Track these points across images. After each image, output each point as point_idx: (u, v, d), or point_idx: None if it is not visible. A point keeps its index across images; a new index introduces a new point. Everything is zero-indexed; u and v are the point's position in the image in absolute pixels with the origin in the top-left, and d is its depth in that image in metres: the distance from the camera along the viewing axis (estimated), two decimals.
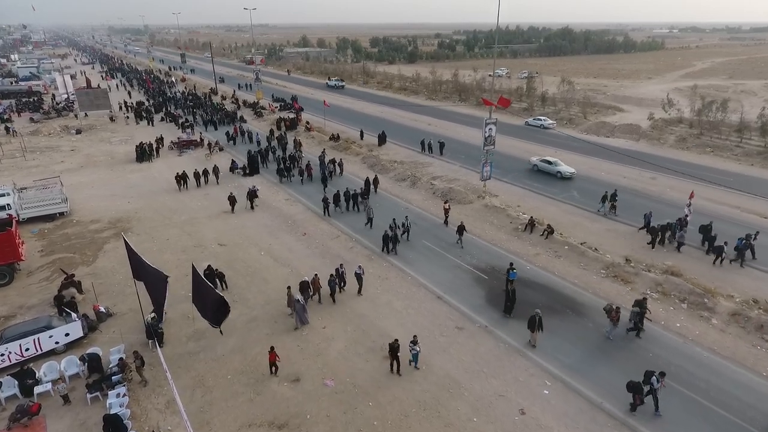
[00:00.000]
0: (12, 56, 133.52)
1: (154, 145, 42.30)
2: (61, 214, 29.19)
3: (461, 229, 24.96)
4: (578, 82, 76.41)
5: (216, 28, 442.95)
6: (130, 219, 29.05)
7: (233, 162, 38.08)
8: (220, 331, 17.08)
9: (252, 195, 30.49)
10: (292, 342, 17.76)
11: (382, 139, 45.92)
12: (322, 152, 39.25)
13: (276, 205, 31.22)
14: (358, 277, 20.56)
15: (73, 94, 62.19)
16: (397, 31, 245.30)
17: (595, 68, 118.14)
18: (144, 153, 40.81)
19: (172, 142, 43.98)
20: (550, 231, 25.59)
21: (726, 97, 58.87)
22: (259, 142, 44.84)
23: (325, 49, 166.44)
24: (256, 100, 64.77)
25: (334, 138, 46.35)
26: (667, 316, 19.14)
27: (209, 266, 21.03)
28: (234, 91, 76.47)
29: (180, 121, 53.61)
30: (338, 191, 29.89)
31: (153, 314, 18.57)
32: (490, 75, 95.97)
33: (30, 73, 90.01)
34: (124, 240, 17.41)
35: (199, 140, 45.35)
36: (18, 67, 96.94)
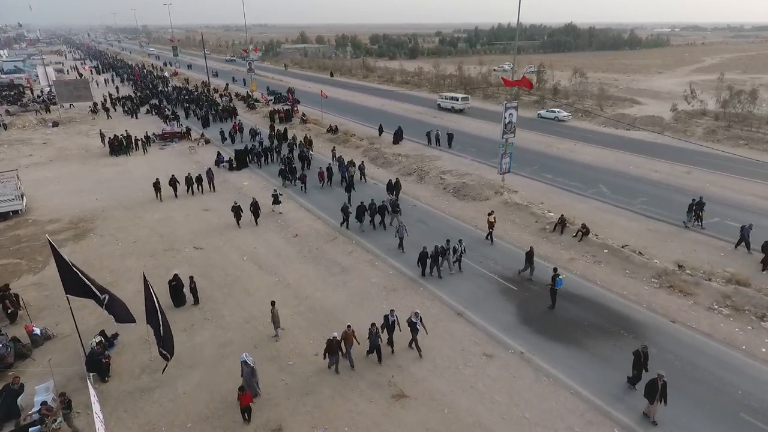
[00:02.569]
0: (1, 52, 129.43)
1: (133, 138, 38.32)
2: (16, 212, 25.30)
3: (531, 257, 18.31)
4: (588, 76, 72.62)
5: (215, 28, 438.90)
6: (95, 218, 25.15)
7: (219, 155, 34.19)
8: (162, 370, 13.27)
9: (256, 206, 24.15)
10: (275, 374, 13.86)
11: (398, 137, 40.44)
12: (333, 150, 34.39)
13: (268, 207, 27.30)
14: (413, 327, 14.14)
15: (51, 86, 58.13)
16: (397, 30, 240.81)
17: (602, 63, 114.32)
18: (121, 146, 36.94)
19: (154, 134, 40.02)
20: (585, 231, 21.71)
21: (748, 89, 55.08)
22: (261, 142, 37.50)
23: (324, 45, 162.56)
24: (249, 93, 60.89)
25: (332, 130, 42.48)
26: (746, 338, 15.24)
27: (175, 276, 17.11)
28: (228, 84, 72.54)
29: (166, 113, 49.71)
30: (362, 203, 23.56)
31: (99, 337, 14.73)
32: (495, 70, 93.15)
33: (15, 66, 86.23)
34: (50, 243, 13.44)
35: (182, 133, 41.45)
36: (3, 61, 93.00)
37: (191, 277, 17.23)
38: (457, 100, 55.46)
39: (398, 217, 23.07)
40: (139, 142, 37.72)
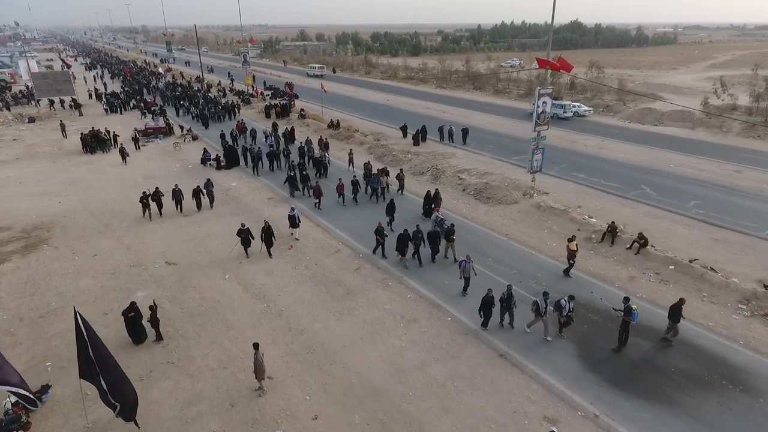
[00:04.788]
0: None
1: (112, 133, 34.45)
2: None
3: (679, 312, 12.67)
4: (605, 71, 68.83)
5: (215, 29, 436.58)
6: (53, 225, 21.23)
7: (205, 152, 30.27)
8: (136, 424, 9.58)
9: (269, 232, 17.83)
10: None
11: (420, 137, 35.07)
12: (350, 154, 28.43)
13: (257, 208, 23.38)
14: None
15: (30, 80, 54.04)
16: (398, 30, 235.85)
17: (612, 60, 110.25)
18: (99, 142, 33.10)
19: (136, 129, 36.12)
20: (642, 242, 17.80)
21: None
22: (272, 145, 31.01)
23: (324, 42, 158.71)
24: (245, 87, 57.02)
25: (333, 125, 38.60)
26: None
27: (133, 305, 13.18)
28: (231, 81, 68.31)
29: (153, 108, 45.90)
30: (405, 230, 16.89)
31: (13, 398, 10.81)
32: (502, 65, 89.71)
33: (1, 62, 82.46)
34: None
35: (166, 128, 37.61)
36: None
37: (152, 307, 13.26)
38: (316, 68, 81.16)
39: (453, 246, 17.38)
40: (117, 139, 33.75)
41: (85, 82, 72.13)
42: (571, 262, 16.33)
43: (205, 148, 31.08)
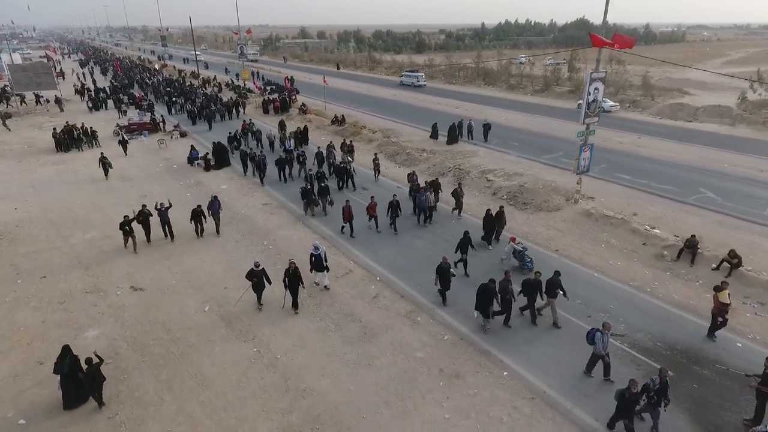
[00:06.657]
0: None
1: (90, 129, 30.71)
2: None
3: None
4: (614, 69, 65.24)
5: (216, 29, 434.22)
6: (1, 237, 17.48)
7: (192, 150, 26.50)
8: None
9: (296, 278, 12.46)
10: None
11: (452, 136, 30.74)
12: (375, 160, 23.47)
13: (255, 219, 19.64)
14: None
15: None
16: (399, 29, 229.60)
17: (623, 56, 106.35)
18: (72, 140, 29.41)
19: (118, 125, 32.39)
20: (735, 263, 14.04)
21: None
22: (290, 150, 25.52)
23: (325, 40, 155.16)
24: (243, 82, 53.30)
25: (338, 121, 34.90)
26: None
27: (65, 349, 9.44)
28: (236, 76, 64.24)
29: (141, 103, 42.18)
30: (492, 281, 11.50)
31: None
32: (512, 61, 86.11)
33: None
34: None
35: (152, 124, 33.91)
36: None
37: (90, 360, 9.47)
38: (253, 53, 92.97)
39: (553, 304, 11.95)
40: (97, 135, 30.08)
41: (78, 78, 68.59)
42: (720, 319, 11.30)
43: (192, 146, 27.28)
